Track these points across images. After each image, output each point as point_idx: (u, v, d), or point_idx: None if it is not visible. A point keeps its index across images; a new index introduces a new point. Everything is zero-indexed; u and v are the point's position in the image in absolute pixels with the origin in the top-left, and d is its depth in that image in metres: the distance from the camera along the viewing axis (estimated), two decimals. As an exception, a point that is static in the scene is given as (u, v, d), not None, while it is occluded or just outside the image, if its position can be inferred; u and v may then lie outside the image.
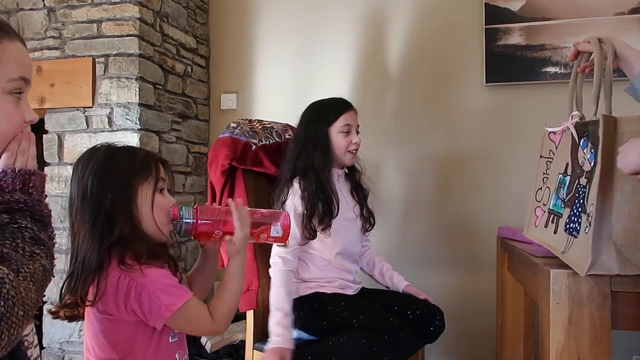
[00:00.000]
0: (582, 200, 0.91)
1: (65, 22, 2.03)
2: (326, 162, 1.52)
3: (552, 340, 0.87)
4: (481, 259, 2.10)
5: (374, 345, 1.31)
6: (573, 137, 1.00)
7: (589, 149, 0.92)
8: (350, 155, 1.57)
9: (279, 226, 1.05)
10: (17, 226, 0.67)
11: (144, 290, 0.89)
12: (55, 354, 2.00)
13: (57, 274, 0.75)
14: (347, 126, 1.54)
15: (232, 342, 1.88)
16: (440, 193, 2.19)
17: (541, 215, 1.11)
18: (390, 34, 2.26)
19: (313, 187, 1.48)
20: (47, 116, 2.04)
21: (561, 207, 1.01)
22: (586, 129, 0.95)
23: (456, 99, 2.16)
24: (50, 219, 0.75)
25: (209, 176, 1.64)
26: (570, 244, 0.92)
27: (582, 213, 0.90)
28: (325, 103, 1.60)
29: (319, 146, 1.51)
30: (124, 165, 0.97)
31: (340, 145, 1.54)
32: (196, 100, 2.38)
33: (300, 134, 1.56)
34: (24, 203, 0.70)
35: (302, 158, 1.51)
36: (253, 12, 2.43)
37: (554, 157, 1.11)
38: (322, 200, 1.48)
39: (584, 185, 0.92)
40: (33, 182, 0.73)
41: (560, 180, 1.04)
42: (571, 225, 0.94)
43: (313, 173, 1.49)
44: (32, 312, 0.62)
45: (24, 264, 0.63)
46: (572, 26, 1.99)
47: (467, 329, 2.12)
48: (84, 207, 0.93)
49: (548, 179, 1.11)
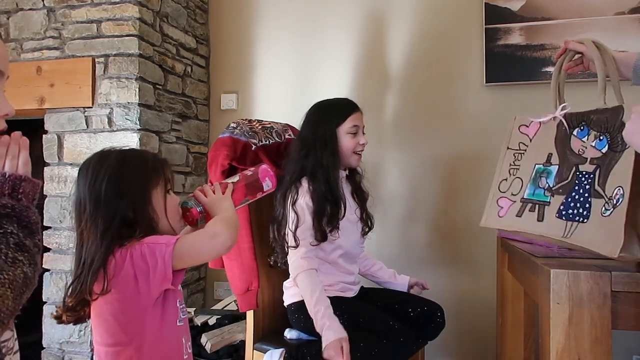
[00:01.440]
0: (589, 186, 0.95)
1: (65, 22, 2.02)
2: (335, 163, 1.51)
3: (552, 340, 0.87)
4: (481, 259, 2.10)
5: (373, 349, 1.32)
6: (560, 128, 1.06)
7: (594, 137, 0.96)
8: (356, 156, 1.56)
9: (268, 181, 1.14)
10: (3, 231, 0.66)
11: (143, 246, 0.92)
12: (55, 354, 2.00)
13: (59, 274, 0.75)
14: (354, 127, 1.54)
15: (232, 342, 1.88)
16: (441, 193, 2.19)
17: (508, 205, 1.14)
18: (391, 34, 2.26)
19: (322, 188, 1.47)
20: (47, 116, 2.04)
21: (544, 195, 1.05)
22: (584, 119, 1.01)
23: (456, 98, 2.16)
24: (39, 226, 0.74)
25: (209, 176, 1.64)
26: (573, 229, 0.95)
27: (590, 197, 0.94)
28: (332, 103, 1.59)
29: (327, 147, 1.50)
30: (137, 171, 0.99)
31: (347, 147, 1.53)
32: (196, 100, 2.38)
33: (308, 133, 1.54)
34: (11, 208, 0.69)
35: (311, 158, 1.49)
36: (253, 12, 2.43)
37: (527, 148, 1.15)
38: (330, 202, 1.47)
39: (589, 171, 0.96)
40: (23, 188, 0.72)
41: (539, 170, 1.09)
42: (571, 211, 0.97)
43: (322, 174, 1.48)
44: (7, 319, 0.61)
45: (4, 270, 0.62)
46: (572, 26, 1.99)
47: (467, 329, 2.12)
48: (97, 213, 0.94)
49: (518, 169, 1.15)
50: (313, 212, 1.46)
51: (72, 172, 2.00)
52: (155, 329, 0.95)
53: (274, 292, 1.64)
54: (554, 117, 1.08)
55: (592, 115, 0.99)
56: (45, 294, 1.99)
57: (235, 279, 1.57)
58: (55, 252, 1.99)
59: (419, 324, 1.48)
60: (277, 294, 1.65)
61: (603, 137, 0.95)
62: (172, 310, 0.96)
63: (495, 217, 1.16)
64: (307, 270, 1.41)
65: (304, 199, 1.47)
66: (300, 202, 1.47)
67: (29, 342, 0.98)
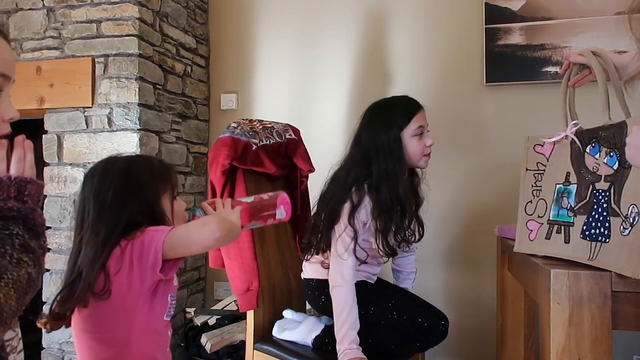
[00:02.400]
0: (606, 204, 0.92)
1: (64, 22, 2.02)
2: (402, 171, 1.40)
3: (552, 340, 0.87)
4: (481, 259, 2.10)
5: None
6: (574, 146, 1.02)
7: (604, 154, 0.94)
8: (425, 158, 1.45)
9: (282, 209, 1.11)
10: (9, 233, 0.67)
11: (140, 235, 0.92)
12: (55, 354, 2.00)
13: (59, 274, 0.75)
14: (420, 128, 1.42)
15: (232, 342, 1.88)
16: (440, 193, 2.19)
17: (537, 228, 1.10)
18: (391, 34, 2.26)
19: (388, 200, 1.36)
20: (47, 116, 2.04)
21: (568, 216, 1.01)
22: (594, 135, 0.97)
23: (456, 98, 2.16)
24: (44, 228, 0.75)
25: (209, 176, 1.64)
26: (599, 250, 0.92)
27: (609, 216, 0.90)
28: (394, 103, 1.47)
29: (393, 154, 1.38)
30: (145, 179, 1.00)
31: (415, 150, 1.41)
32: (196, 100, 2.38)
33: (368, 139, 1.41)
34: (17, 211, 0.70)
35: (374, 168, 1.37)
36: (253, 12, 2.43)
37: (546, 168, 1.11)
38: (397, 214, 1.38)
39: (605, 189, 0.93)
40: (29, 190, 0.73)
41: (560, 190, 1.05)
42: (593, 232, 0.94)
43: (387, 185, 1.36)
44: (9, 319, 0.62)
45: (9, 270, 0.62)
46: (572, 26, 1.99)
47: (468, 329, 2.12)
48: (100, 221, 0.94)
49: (541, 191, 1.11)
50: (377, 229, 1.37)
51: (72, 172, 2.00)
52: (144, 320, 0.94)
53: (274, 292, 1.64)
54: (565, 135, 1.05)
55: (601, 132, 0.96)
56: (45, 294, 1.99)
57: (236, 278, 1.57)
58: (55, 252, 1.99)
59: (420, 331, 1.44)
60: (278, 294, 1.65)
61: (613, 154, 0.92)
62: (162, 302, 0.96)
63: (526, 241, 1.12)
64: (350, 288, 1.35)
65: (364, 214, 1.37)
66: (362, 215, 1.37)
67: (29, 342, 0.98)
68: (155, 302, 0.96)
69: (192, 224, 0.96)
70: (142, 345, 0.95)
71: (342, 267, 1.36)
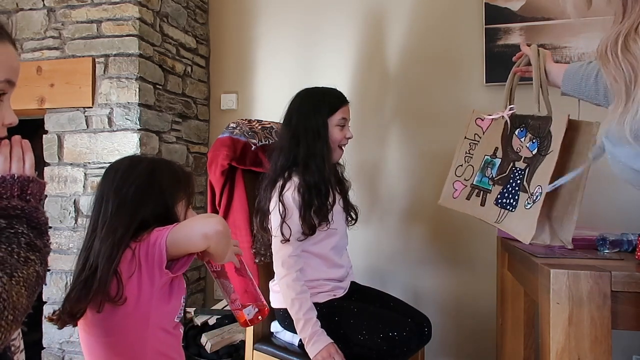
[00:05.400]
0: (520, 181, 1.08)
1: (65, 22, 2.02)
2: (328, 153, 1.49)
3: (552, 340, 0.87)
4: (481, 259, 2.10)
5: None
6: (506, 126, 1.19)
7: (529, 139, 1.10)
8: (340, 150, 1.55)
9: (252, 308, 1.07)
10: (14, 231, 0.67)
11: (147, 236, 0.92)
12: (55, 354, 2.00)
13: (59, 274, 0.75)
14: (343, 120, 1.53)
15: (232, 342, 1.88)
16: (440, 192, 2.18)
17: (461, 188, 1.28)
18: (391, 34, 2.26)
19: (315, 178, 1.44)
20: (47, 116, 2.04)
21: (488, 184, 1.19)
22: (524, 121, 1.14)
23: (456, 98, 2.16)
24: (47, 226, 0.75)
25: (209, 176, 1.64)
26: (504, 216, 1.10)
27: (519, 191, 1.08)
28: (323, 92, 1.56)
29: (321, 137, 1.48)
30: (167, 183, 1.00)
31: (335, 139, 1.51)
32: (196, 100, 2.38)
33: (298, 122, 1.49)
34: (21, 210, 0.70)
35: (302, 148, 1.46)
36: (253, 12, 2.43)
37: (480, 140, 1.28)
38: (322, 193, 1.45)
39: (522, 168, 1.09)
40: (31, 189, 0.73)
41: (487, 161, 1.22)
42: (504, 201, 1.12)
43: (315, 164, 1.45)
44: (21, 317, 0.62)
45: (18, 268, 0.63)
46: (572, 26, 1.99)
47: (467, 329, 2.12)
48: (118, 218, 0.94)
49: (472, 158, 1.28)
50: (301, 206, 1.42)
51: (72, 172, 2.00)
52: (158, 321, 0.95)
53: (274, 292, 1.64)
54: (502, 115, 1.22)
55: (530, 120, 1.12)
56: (45, 294, 1.99)
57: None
58: (55, 252, 1.98)
59: (395, 344, 1.38)
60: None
61: (535, 140, 1.08)
62: (176, 303, 0.97)
63: (450, 198, 1.31)
64: (291, 274, 1.40)
65: (293, 192, 1.43)
66: (288, 195, 1.43)
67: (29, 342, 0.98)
68: (171, 303, 0.96)
69: (200, 216, 0.98)
70: (157, 345, 0.95)
71: (283, 252, 1.41)
